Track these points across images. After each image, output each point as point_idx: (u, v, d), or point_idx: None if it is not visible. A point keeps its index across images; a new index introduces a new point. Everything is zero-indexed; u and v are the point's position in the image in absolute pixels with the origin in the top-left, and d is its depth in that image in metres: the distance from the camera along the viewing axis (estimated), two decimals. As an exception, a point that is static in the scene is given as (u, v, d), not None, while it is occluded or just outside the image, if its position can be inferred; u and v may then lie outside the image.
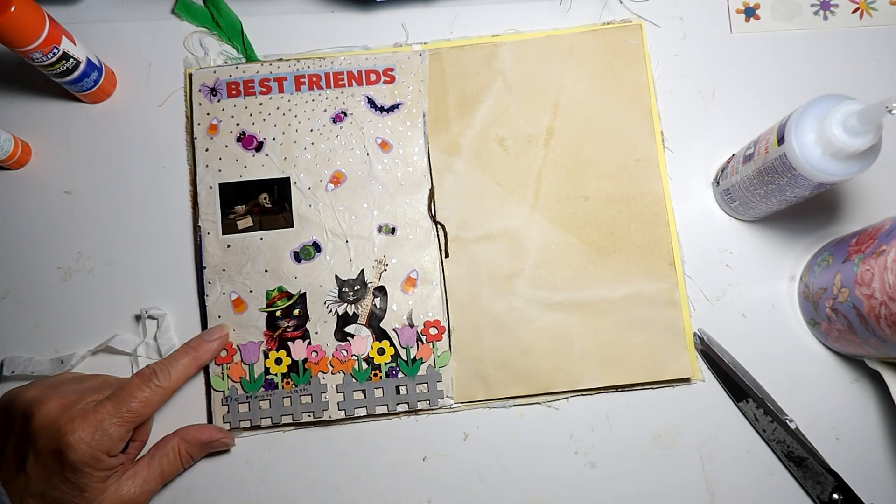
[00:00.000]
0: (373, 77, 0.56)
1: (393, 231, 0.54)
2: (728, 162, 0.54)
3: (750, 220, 0.56)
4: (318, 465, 0.52)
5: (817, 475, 0.51)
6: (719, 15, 0.58)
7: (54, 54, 0.50)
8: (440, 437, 0.53)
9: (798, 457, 0.51)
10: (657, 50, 0.58)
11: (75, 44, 0.52)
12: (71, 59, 0.51)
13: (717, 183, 0.55)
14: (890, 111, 0.38)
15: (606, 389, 0.53)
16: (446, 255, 0.54)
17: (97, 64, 0.55)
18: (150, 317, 0.54)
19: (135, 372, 0.52)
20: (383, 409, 0.52)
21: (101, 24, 0.58)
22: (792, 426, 0.51)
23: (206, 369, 0.53)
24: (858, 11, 0.58)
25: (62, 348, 0.54)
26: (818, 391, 0.53)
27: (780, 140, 0.45)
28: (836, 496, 0.50)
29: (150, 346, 0.54)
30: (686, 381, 0.53)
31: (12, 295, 0.55)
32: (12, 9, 0.46)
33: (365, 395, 0.52)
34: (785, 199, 0.49)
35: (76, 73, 0.53)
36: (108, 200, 0.56)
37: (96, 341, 0.54)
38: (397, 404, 0.52)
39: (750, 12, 0.59)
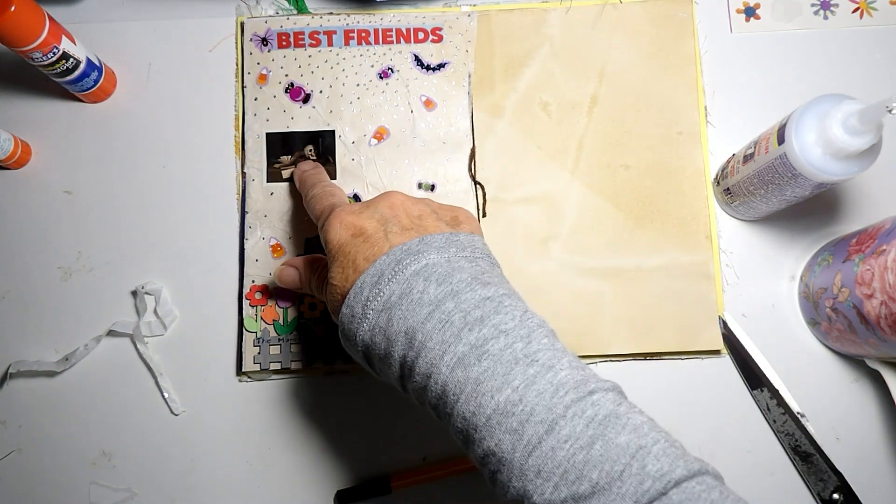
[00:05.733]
0: (421, 35, 0.57)
1: (432, 188, 0.55)
2: (728, 162, 0.54)
3: (750, 220, 0.56)
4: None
5: (821, 472, 0.51)
6: (719, 15, 0.58)
7: (54, 54, 0.50)
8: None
9: (805, 452, 0.51)
10: (706, 25, 0.58)
11: (75, 44, 0.52)
12: (71, 59, 0.51)
13: (717, 183, 0.55)
14: (890, 111, 0.38)
15: (635, 357, 0.54)
16: (483, 215, 0.55)
17: (97, 64, 0.55)
18: (147, 293, 0.54)
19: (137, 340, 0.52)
20: None
21: (101, 24, 0.58)
22: (803, 421, 0.51)
23: (239, 310, 0.54)
24: (858, 11, 0.58)
25: (62, 348, 0.54)
26: (818, 391, 0.53)
27: (781, 140, 0.45)
28: (836, 496, 0.50)
29: (152, 323, 0.54)
30: (716, 353, 0.54)
31: (12, 295, 0.55)
32: (12, 9, 0.46)
33: None
34: (785, 198, 0.49)
35: (76, 73, 0.53)
36: (108, 200, 0.56)
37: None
38: None
39: (750, 12, 0.59)
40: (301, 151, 0.56)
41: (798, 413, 0.52)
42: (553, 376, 0.33)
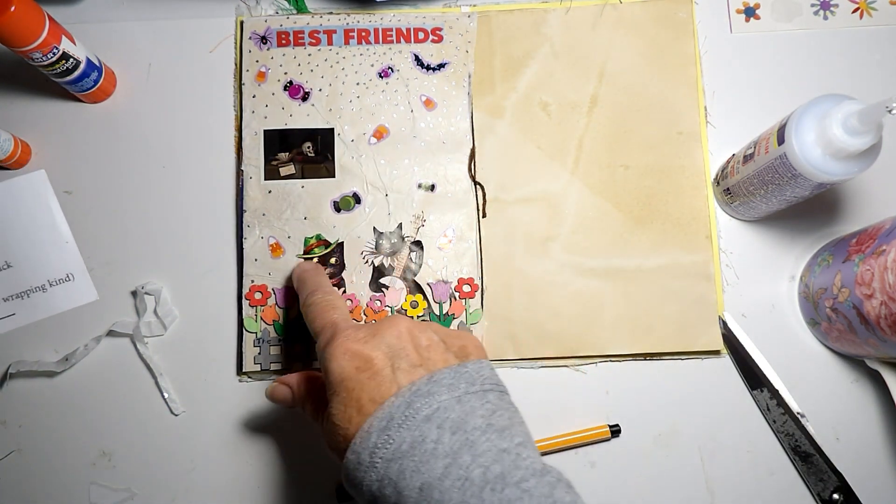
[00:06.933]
0: (421, 35, 0.57)
1: (432, 188, 0.55)
2: (728, 162, 0.54)
3: (750, 220, 0.56)
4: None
5: (821, 473, 0.51)
6: (719, 15, 0.58)
7: (54, 54, 0.50)
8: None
9: (804, 452, 0.51)
10: (706, 25, 0.58)
11: (75, 44, 0.52)
12: (71, 59, 0.51)
13: (717, 183, 0.55)
14: (890, 111, 0.38)
15: (635, 357, 0.54)
16: (483, 216, 0.55)
17: (97, 64, 0.55)
18: (147, 293, 0.54)
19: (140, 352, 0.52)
20: None
21: (101, 24, 0.58)
22: (803, 421, 0.51)
23: (239, 311, 0.54)
24: (858, 11, 0.58)
25: (62, 348, 0.54)
26: (818, 391, 0.53)
27: (781, 140, 0.45)
28: (836, 496, 0.50)
29: (152, 323, 0.54)
30: (716, 353, 0.54)
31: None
32: (12, 9, 0.46)
33: None
34: (785, 198, 0.49)
35: (76, 73, 0.53)
36: (108, 200, 0.56)
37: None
38: None
39: (750, 12, 0.59)
40: (299, 148, 0.56)
41: (798, 413, 0.52)
42: None
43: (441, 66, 0.57)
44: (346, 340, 0.38)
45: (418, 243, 0.55)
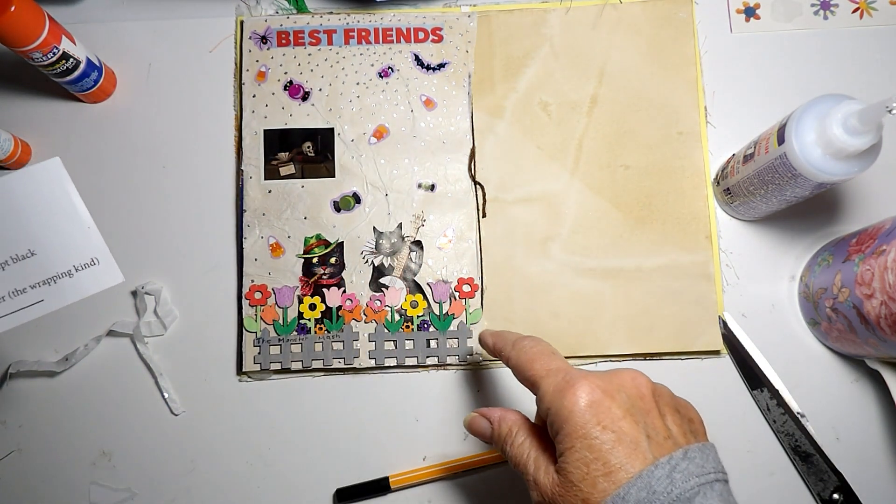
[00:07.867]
0: (421, 35, 0.57)
1: (432, 188, 0.55)
2: (728, 162, 0.54)
3: (750, 220, 0.56)
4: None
5: (821, 472, 0.51)
6: (719, 15, 0.58)
7: (54, 54, 0.50)
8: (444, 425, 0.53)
9: (805, 452, 0.51)
10: (706, 25, 0.58)
11: (75, 44, 0.52)
12: (71, 59, 0.51)
13: (717, 183, 0.55)
14: (890, 111, 0.38)
15: (634, 357, 0.54)
16: (483, 216, 0.55)
17: (97, 64, 0.55)
18: (147, 293, 0.54)
19: (144, 356, 0.52)
20: (413, 361, 0.53)
21: (101, 24, 0.58)
22: (803, 421, 0.51)
23: (239, 310, 0.54)
24: (858, 11, 0.58)
25: (62, 348, 0.54)
26: (818, 391, 0.53)
27: (781, 140, 0.45)
28: (836, 496, 0.50)
29: (152, 323, 0.54)
30: (715, 353, 0.54)
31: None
32: (12, 9, 0.46)
33: (396, 346, 0.53)
34: (785, 198, 0.49)
35: (76, 73, 0.53)
36: (108, 200, 0.56)
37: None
38: (427, 357, 0.53)
39: (750, 12, 0.59)
40: (299, 148, 0.56)
41: (798, 413, 0.52)
42: None
43: (441, 66, 0.57)
44: (589, 391, 0.35)
45: (418, 243, 0.55)
